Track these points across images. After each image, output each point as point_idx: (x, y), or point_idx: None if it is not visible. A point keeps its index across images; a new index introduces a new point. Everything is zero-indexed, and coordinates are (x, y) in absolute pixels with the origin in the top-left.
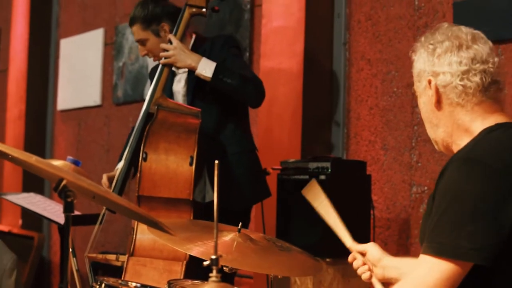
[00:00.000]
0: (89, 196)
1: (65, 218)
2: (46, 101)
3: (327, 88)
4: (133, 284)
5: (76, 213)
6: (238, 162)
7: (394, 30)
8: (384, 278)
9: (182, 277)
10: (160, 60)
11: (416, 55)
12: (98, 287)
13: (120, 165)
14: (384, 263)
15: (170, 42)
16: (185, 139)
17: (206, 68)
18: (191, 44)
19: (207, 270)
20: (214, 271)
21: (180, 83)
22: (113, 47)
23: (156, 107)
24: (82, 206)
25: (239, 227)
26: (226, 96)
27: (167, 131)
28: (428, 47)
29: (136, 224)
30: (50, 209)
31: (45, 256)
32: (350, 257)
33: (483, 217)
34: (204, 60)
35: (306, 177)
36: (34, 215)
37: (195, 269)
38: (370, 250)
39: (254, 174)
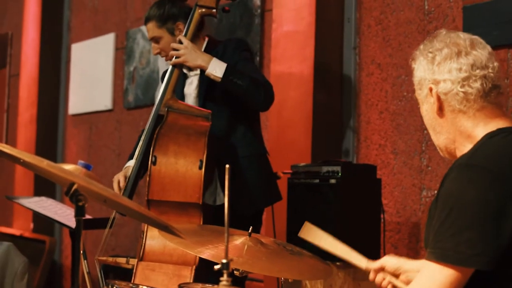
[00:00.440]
0: (100, 200)
1: (76, 222)
2: (57, 106)
3: (337, 92)
4: None
5: (87, 217)
6: (248, 166)
7: (404, 35)
8: (410, 281)
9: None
10: (170, 61)
11: (415, 63)
12: None
13: (130, 163)
14: (405, 268)
15: (181, 43)
16: (195, 141)
17: (217, 68)
18: (203, 46)
19: (216, 275)
20: (225, 275)
21: (191, 85)
22: (124, 52)
23: (166, 109)
24: (93, 210)
25: (249, 231)
26: (237, 99)
27: (177, 134)
28: (427, 55)
29: (145, 228)
30: (62, 213)
31: (56, 259)
32: (371, 276)
33: (484, 223)
34: (214, 60)
35: (317, 181)
36: (46, 219)
37: (204, 274)
38: (387, 262)
39: (265, 177)
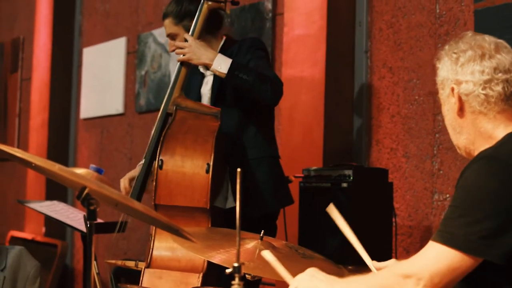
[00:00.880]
0: (111, 204)
1: (88, 226)
2: (69, 110)
3: (348, 96)
4: None
5: (99, 221)
6: (258, 167)
7: (416, 38)
8: None
9: None
10: (177, 58)
11: (440, 63)
12: None
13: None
14: None
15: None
16: (202, 144)
17: (222, 64)
18: (220, 45)
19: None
20: (237, 279)
21: (207, 85)
22: (135, 56)
23: (174, 107)
24: (105, 214)
25: (261, 234)
26: (247, 100)
27: (184, 136)
28: (451, 56)
29: (154, 231)
30: (73, 217)
31: (68, 263)
32: None
33: (498, 215)
34: (219, 57)
35: (328, 184)
36: (57, 223)
37: (212, 281)
38: (393, 264)
39: (274, 180)
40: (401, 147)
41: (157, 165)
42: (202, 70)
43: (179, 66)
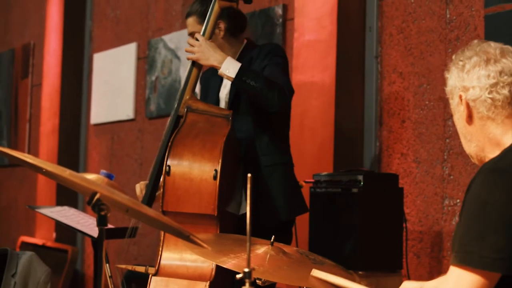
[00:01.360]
0: (122, 210)
1: (98, 231)
2: (79, 115)
3: (359, 101)
4: None
5: (110, 226)
6: (271, 175)
7: (426, 43)
8: None
9: None
10: (186, 56)
11: (448, 73)
12: None
13: None
14: (425, 287)
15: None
16: (211, 149)
17: (230, 68)
18: (241, 48)
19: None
20: (247, 284)
21: (225, 89)
22: (146, 61)
23: (185, 109)
24: (116, 220)
25: (271, 240)
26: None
27: (193, 140)
28: (458, 64)
29: (162, 242)
30: (84, 222)
31: (78, 269)
32: None
33: (509, 227)
34: (228, 60)
35: (339, 190)
36: (68, 229)
37: None
38: (406, 285)
39: (288, 188)
40: (411, 152)
41: (164, 171)
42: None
43: (190, 66)
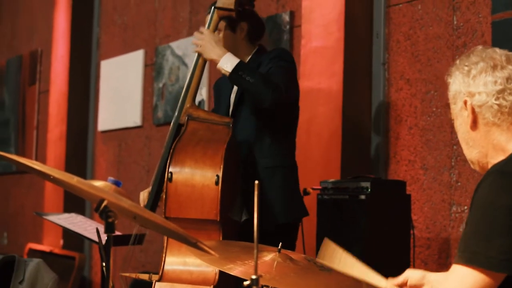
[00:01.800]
0: (130, 217)
1: (106, 238)
2: (87, 122)
3: (366, 108)
4: None
5: (117, 233)
6: (270, 177)
7: (433, 50)
8: None
9: None
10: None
11: (451, 78)
12: None
13: None
14: (428, 278)
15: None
16: (212, 155)
17: (228, 63)
18: (251, 54)
19: None
20: None
21: (234, 94)
22: (153, 68)
23: (186, 117)
24: (123, 227)
25: (279, 247)
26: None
27: (194, 147)
28: (463, 69)
29: (165, 247)
30: (91, 229)
31: (86, 276)
32: None
33: None
34: (228, 55)
35: (346, 197)
36: (75, 236)
37: None
38: (409, 275)
39: (288, 191)
40: (419, 159)
41: (166, 178)
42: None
43: (190, 75)
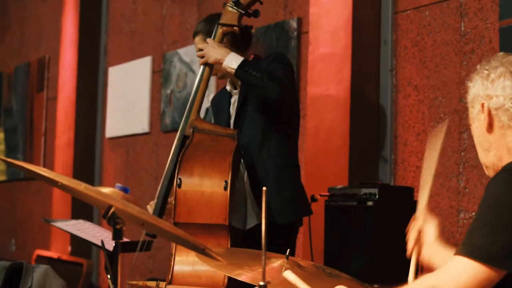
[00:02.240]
0: (138, 223)
1: (114, 245)
2: (94, 129)
3: (374, 114)
4: None
5: (125, 240)
6: (281, 175)
7: (441, 56)
8: (429, 261)
9: None
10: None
11: (471, 82)
12: None
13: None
14: (433, 250)
15: None
16: (220, 162)
17: (233, 61)
18: None
19: None
20: None
21: (234, 105)
22: (160, 75)
23: (191, 129)
24: (131, 233)
25: (287, 253)
26: (269, 110)
27: (202, 155)
28: (482, 73)
29: (174, 249)
30: (99, 236)
31: (94, 282)
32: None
33: None
34: (232, 54)
35: (354, 203)
36: (83, 242)
37: None
38: (428, 230)
39: (298, 188)
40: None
41: (175, 184)
42: (228, 89)
43: (195, 87)
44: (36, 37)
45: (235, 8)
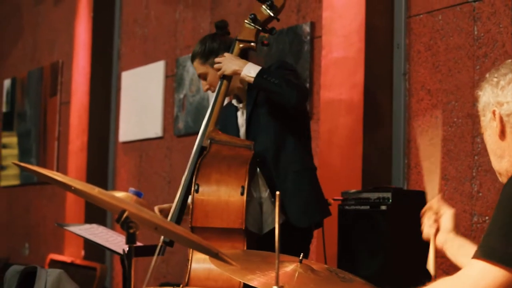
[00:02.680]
0: (151, 227)
1: (127, 249)
2: (108, 133)
3: (387, 119)
4: None
5: (138, 244)
6: (300, 180)
7: (454, 60)
8: (441, 249)
9: None
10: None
11: (481, 91)
12: None
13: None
14: (448, 237)
15: None
16: (236, 170)
17: (251, 70)
18: None
19: None
20: None
21: (243, 116)
22: (174, 79)
23: (209, 141)
24: (144, 237)
25: (300, 257)
26: (281, 115)
27: (219, 163)
28: (492, 81)
29: (191, 254)
30: (113, 240)
31: (107, 287)
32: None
33: None
34: (250, 64)
35: (367, 207)
36: (97, 246)
37: None
38: (444, 217)
39: (316, 191)
40: (439, 169)
41: (193, 189)
42: (234, 103)
43: (214, 100)
44: (49, 42)
45: (252, 24)
